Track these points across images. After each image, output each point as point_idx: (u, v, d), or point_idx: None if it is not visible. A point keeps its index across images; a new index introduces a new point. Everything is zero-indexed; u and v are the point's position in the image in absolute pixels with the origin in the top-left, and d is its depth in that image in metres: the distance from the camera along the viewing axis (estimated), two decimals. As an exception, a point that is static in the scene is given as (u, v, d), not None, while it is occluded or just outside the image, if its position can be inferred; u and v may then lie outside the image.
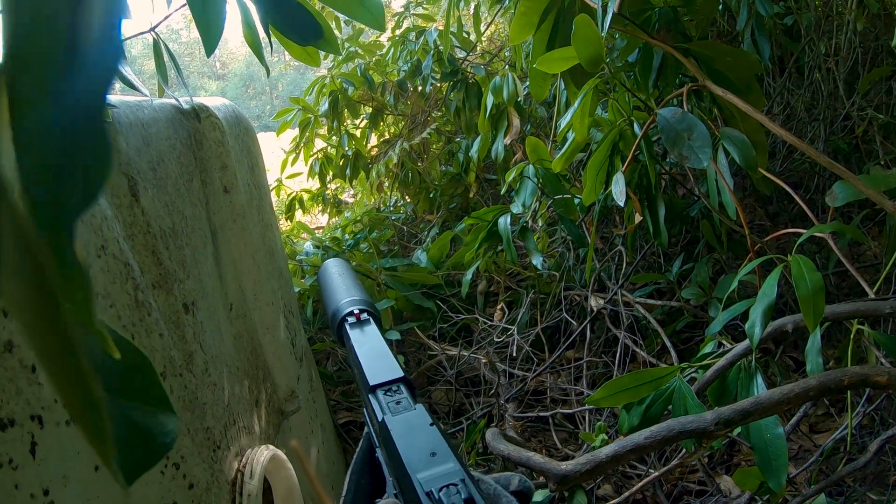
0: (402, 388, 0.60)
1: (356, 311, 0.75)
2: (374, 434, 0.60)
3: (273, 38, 1.01)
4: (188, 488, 0.79)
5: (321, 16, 0.99)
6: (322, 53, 1.07)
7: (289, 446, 1.23)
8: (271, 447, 1.04)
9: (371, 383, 0.60)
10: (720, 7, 1.89)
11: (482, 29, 2.62)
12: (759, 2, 1.68)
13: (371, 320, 0.75)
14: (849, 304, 1.04)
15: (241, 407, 1.03)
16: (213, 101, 1.19)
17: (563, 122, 1.27)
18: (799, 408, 1.31)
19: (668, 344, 1.68)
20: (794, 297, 0.89)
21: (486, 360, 1.82)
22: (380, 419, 0.54)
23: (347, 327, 0.73)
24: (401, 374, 0.61)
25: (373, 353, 0.66)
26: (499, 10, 2.32)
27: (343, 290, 0.81)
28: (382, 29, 0.89)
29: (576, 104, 1.20)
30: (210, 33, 0.91)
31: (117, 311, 0.71)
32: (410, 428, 0.51)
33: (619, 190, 1.19)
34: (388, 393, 0.59)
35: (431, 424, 0.52)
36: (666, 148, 1.06)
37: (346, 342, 0.71)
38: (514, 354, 1.89)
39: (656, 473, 0.99)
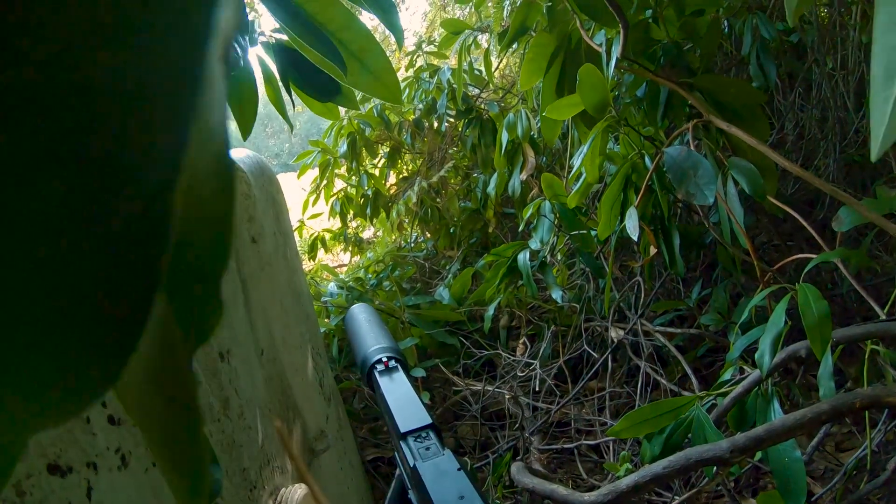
0: (431, 434, 0.64)
1: (384, 360, 0.79)
2: (406, 477, 0.64)
3: (294, 94, 1.06)
4: (228, 529, 0.83)
5: (339, 73, 1.04)
6: (349, 108, 1.12)
7: (319, 485, 1.26)
8: (304, 485, 1.07)
9: (402, 430, 0.64)
10: (725, 30, 1.92)
11: (494, 62, 2.67)
12: (762, 25, 1.72)
13: (398, 367, 0.78)
14: (860, 326, 1.06)
15: (275, 447, 1.07)
16: (239, 154, 1.24)
17: (576, 164, 1.31)
18: (815, 431, 1.32)
19: (689, 371, 1.69)
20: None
21: (510, 395, 1.85)
22: (411, 465, 0.58)
23: (377, 375, 0.77)
24: (429, 420, 0.65)
25: (402, 400, 0.70)
26: (509, 52, 2.37)
27: (371, 337, 0.85)
28: (400, 103, 0.94)
29: (585, 147, 1.24)
30: (245, 121, 0.96)
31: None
32: (440, 473, 0.56)
33: (632, 225, 1.22)
34: (418, 439, 0.63)
35: (459, 469, 0.56)
36: (674, 186, 1.10)
37: (376, 389, 0.75)
38: (538, 388, 1.91)
39: (678, 501, 1.01)
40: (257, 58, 1.09)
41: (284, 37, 0.99)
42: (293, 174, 3.21)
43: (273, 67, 1.07)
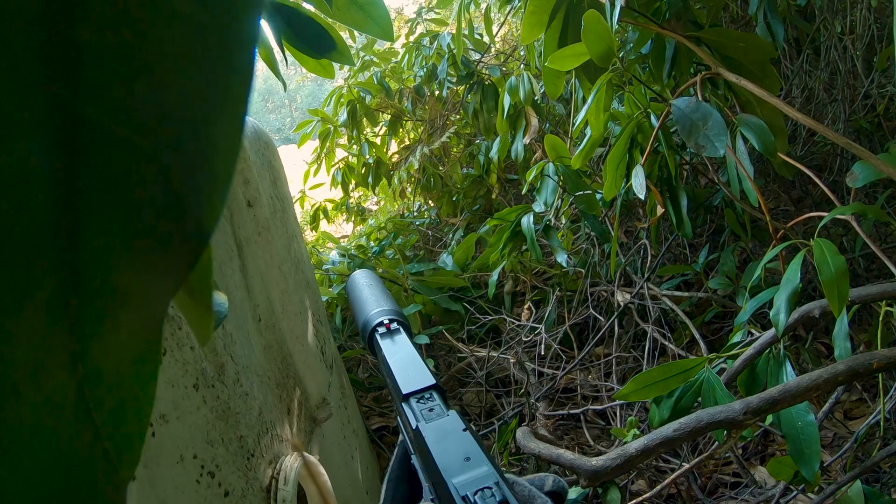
0: (435, 395, 0.61)
1: (386, 322, 0.76)
2: (408, 441, 0.61)
3: (288, 53, 1.02)
4: (224, 496, 0.81)
5: (333, 28, 1.00)
6: (336, 65, 1.08)
7: (322, 453, 1.24)
8: (305, 454, 1.05)
9: (404, 392, 0.61)
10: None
11: (495, 30, 2.62)
12: (769, -17, 1.67)
13: (401, 329, 0.75)
14: (875, 286, 1.03)
15: (274, 415, 1.04)
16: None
17: (579, 119, 1.27)
18: (829, 394, 1.29)
19: (697, 336, 1.67)
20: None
21: (514, 360, 1.83)
22: (414, 426, 0.55)
23: (378, 337, 0.74)
24: (432, 381, 0.62)
25: (404, 361, 0.67)
26: (510, 11, 2.32)
27: (372, 300, 0.82)
28: (391, 39, 0.90)
29: (590, 99, 1.20)
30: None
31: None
32: (444, 434, 0.52)
33: (639, 183, 1.18)
34: (421, 400, 0.60)
35: (465, 429, 0.52)
36: (682, 139, 1.06)
37: (378, 352, 0.72)
38: (543, 353, 1.89)
39: (687, 466, 0.98)
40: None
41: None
42: (295, 147, 3.17)
43: (264, 23, 1.03)
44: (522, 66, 2.52)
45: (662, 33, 1.23)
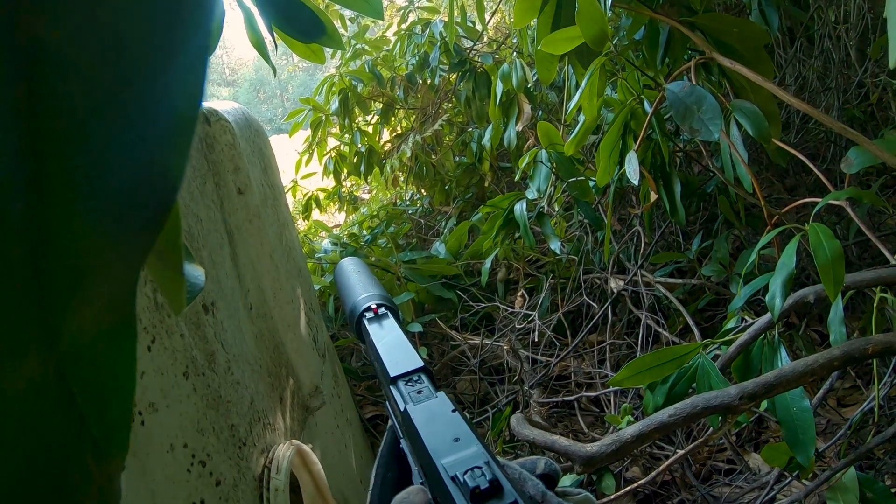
0: (423, 377, 0.60)
1: (373, 306, 0.75)
2: (397, 425, 0.60)
3: (278, 39, 1.01)
4: (215, 485, 0.80)
5: (323, 13, 0.99)
6: (328, 51, 1.07)
7: (315, 442, 1.23)
8: (297, 442, 1.04)
9: (392, 374, 0.60)
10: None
11: (487, 17, 2.60)
12: (764, -29, 1.66)
13: (389, 314, 0.75)
14: (870, 271, 1.03)
15: (266, 404, 1.04)
16: (223, 105, 1.20)
17: (573, 104, 1.26)
18: (824, 379, 1.29)
19: (691, 322, 1.66)
20: (816, 269, 0.88)
21: (507, 348, 1.82)
22: (402, 409, 0.54)
23: (366, 322, 0.73)
24: (420, 363, 0.61)
25: (392, 344, 0.66)
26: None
27: (360, 286, 0.82)
28: (381, 17, 0.89)
29: (583, 83, 1.19)
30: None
31: (138, 313, 0.71)
32: (433, 416, 0.51)
33: (632, 169, 1.18)
34: (409, 383, 0.59)
35: (454, 411, 0.52)
36: (677, 123, 1.05)
37: (366, 337, 0.71)
38: (536, 340, 1.88)
39: (681, 452, 0.98)
40: (237, -2, 1.04)
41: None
42: (287, 137, 3.16)
43: (253, 9, 1.02)
44: (515, 53, 2.50)
45: (656, 18, 1.22)
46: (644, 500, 1.46)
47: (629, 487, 1.13)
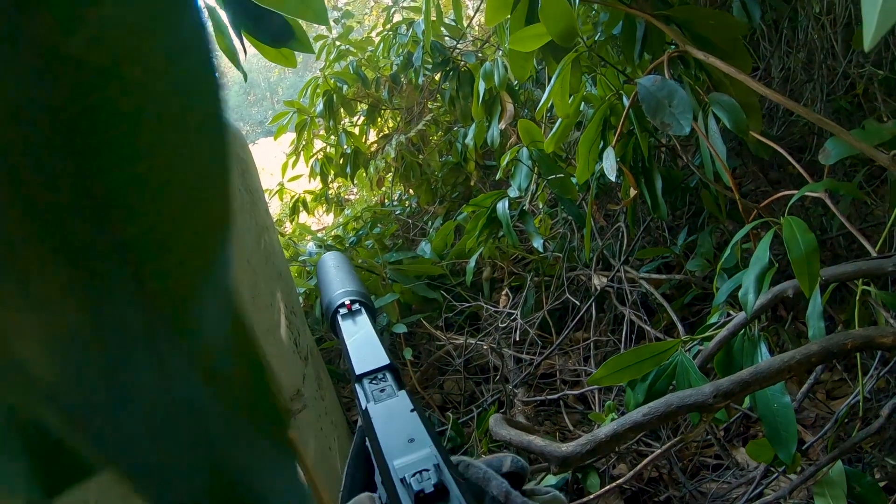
0: (388, 375, 0.59)
1: (347, 302, 0.74)
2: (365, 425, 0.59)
3: (248, 44, 1.00)
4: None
5: (293, 18, 0.98)
6: (315, 53, 1.07)
7: (300, 444, 1.22)
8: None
9: (357, 372, 0.59)
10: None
11: (470, 15, 2.59)
12: (745, -37, 1.65)
13: (363, 310, 0.73)
14: (850, 263, 1.02)
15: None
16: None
17: (543, 99, 1.26)
18: (804, 375, 1.29)
19: (675, 318, 1.66)
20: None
21: (487, 346, 1.81)
22: (363, 407, 0.53)
23: (339, 319, 0.72)
24: (386, 361, 0.60)
25: (360, 341, 0.65)
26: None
27: (337, 282, 0.80)
28: (325, 23, 0.88)
29: (553, 78, 1.18)
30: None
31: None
32: (391, 415, 0.50)
33: (609, 165, 1.17)
34: (374, 381, 0.58)
35: (412, 410, 0.51)
36: (647, 117, 1.04)
37: (338, 334, 0.70)
38: (518, 339, 1.87)
39: (659, 450, 0.97)
40: (205, 5, 1.03)
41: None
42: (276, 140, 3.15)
43: (223, 16, 1.02)
44: (499, 52, 2.49)
45: (630, 12, 1.21)
46: (632, 496, 1.45)
47: (613, 484, 1.12)
